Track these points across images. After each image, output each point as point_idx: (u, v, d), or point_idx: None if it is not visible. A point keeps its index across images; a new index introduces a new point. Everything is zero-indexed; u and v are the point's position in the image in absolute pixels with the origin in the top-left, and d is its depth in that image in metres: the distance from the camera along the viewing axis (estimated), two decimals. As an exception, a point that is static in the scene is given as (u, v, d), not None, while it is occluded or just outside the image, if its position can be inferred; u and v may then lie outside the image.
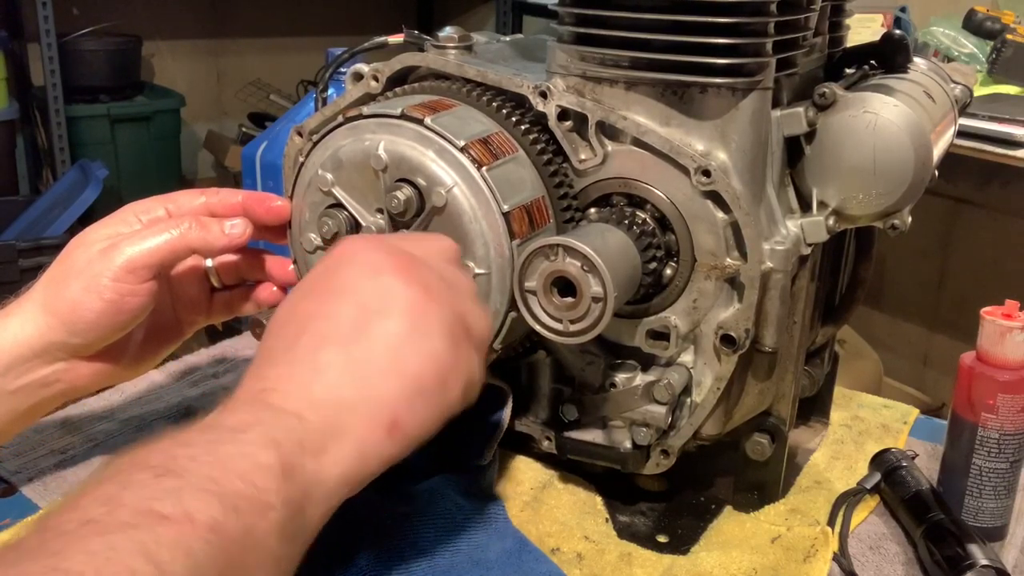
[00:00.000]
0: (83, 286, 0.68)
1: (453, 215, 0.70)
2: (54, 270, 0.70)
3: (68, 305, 0.69)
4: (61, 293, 0.69)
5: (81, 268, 0.69)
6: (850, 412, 0.99)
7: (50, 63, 2.85)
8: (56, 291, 0.69)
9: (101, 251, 0.69)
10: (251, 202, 0.75)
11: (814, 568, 0.73)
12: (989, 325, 0.77)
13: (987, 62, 2.16)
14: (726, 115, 0.70)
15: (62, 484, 0.82)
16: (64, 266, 0.70)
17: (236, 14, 3.76)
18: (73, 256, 0.70)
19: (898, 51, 0.81)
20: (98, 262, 0.69)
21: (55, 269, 0.70)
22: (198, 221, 0.71)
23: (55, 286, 0.69)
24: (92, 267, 0.68)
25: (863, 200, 0.73)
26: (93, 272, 0.68)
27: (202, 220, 0.72)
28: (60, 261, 0.71)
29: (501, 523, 0.74)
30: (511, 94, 0.75)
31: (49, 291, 0.70)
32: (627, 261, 0.69)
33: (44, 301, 0.70)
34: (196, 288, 0.79)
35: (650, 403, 0.75)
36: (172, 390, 1.00)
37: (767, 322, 0.73)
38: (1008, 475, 0.78)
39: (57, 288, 0.69)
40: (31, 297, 0.71)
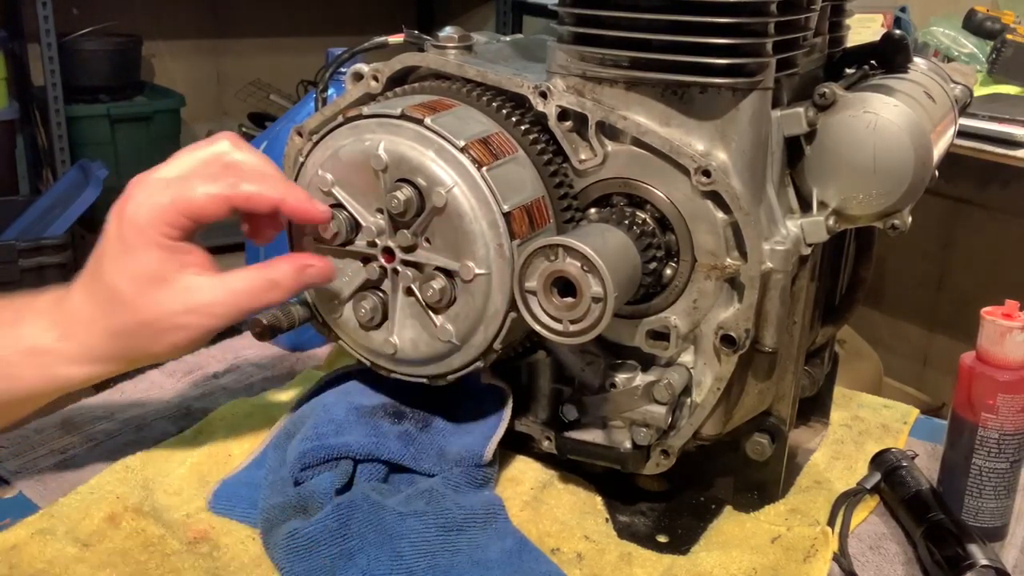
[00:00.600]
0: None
1: (453, 215, 0.70)
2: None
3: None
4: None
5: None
6: (850, 412, 0.99)
7: (50, 63, 2.84)
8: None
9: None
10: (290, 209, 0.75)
11: (814, 568, 0.73)
12: (989, 325, 0.77)
13: (987, 62, 2.16)
14: (726, 115, 0.70)
15: (62, 484, 0.82)
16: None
17: (236, 14, 3.76)
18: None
19: (898, 51, 0.81)
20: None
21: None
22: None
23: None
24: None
25: (863, 200, 0.73)
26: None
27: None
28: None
29: (501, 523, 0.74)
30: (511, 94, 0.75)
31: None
32: (627, 261, 0.69)
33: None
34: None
35: (650, 403, 0.75)
36: (172, 390, 1.00)
37: (767, 322, 0.73)
38: (1008, 475, 0.78)
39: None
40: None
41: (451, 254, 0.71)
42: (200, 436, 0.88)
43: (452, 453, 0.78)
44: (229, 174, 0.71)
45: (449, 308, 0.73)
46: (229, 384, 1.02)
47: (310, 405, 0.83)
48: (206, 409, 0.94)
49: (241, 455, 0.85)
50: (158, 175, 0.72)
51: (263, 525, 0.74)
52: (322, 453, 0.76)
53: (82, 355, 0.72)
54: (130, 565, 0.70)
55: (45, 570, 0.69)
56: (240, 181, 0.71)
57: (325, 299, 0.78)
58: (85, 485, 0.79)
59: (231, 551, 0.74)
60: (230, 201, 0.70)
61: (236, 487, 0.79)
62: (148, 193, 0.70)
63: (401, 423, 0.80)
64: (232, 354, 1.09)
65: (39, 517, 0.75)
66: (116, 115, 3.19)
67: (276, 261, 0.73)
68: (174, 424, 0.93)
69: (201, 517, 0.77)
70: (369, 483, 0.75)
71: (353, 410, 0.80)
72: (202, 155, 0.73)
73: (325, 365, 1.03)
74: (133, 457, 0.84)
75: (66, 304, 0.72)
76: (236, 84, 3.70)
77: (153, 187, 0.70)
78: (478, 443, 0.79)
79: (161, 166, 0.73)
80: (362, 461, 0.77)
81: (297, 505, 0.73)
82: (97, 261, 0.71)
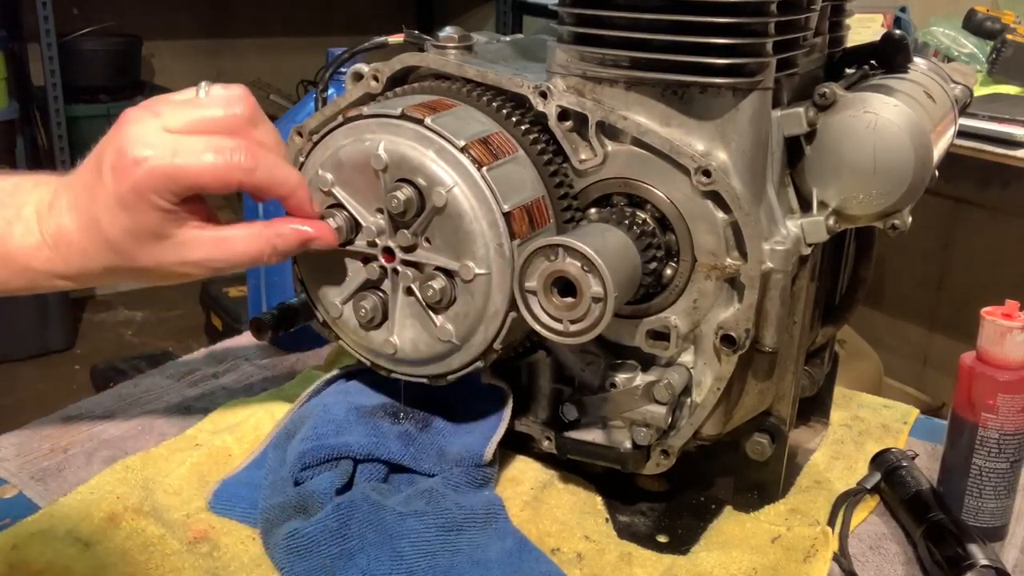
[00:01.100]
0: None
1: (453, 215, 0.70)
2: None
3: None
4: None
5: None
6: (850, 412, 0.99)
7: (50, 63, 2.85)
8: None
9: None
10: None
11: (814, 568, 0.73)
12: (989, 325, 0.77)
13: (987, 62, 2.16)
14: (726, 115, 0.70)
15: (62, 484, 0.82)
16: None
17: (236, 14, 3.76)
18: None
19: (898, 51, 0.81)
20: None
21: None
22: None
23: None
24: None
25: (863, 200, 0.73)
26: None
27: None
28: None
29: (501, 523, 0.74)
30: (511, 94, 0.75)
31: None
32: (627, 261, 0.69)
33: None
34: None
35: (650, 403, 0.75)
36: (172, 390, 1.00)
37: (767, 322, 0.73)
38: (1008, 475, 0.78)
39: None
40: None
41: (451, 254, 0.71)
42: (200, 436, 0.88)
43: (452, 453, 0.78)
44: (243, 153, 0.66)
45: (449, 308, 0.73)
46: (229, 384, 1.02)
47: (310, 405, 0.83)
48: (206, 409, 0.94)
49: (241, 455, 0.85)
50: (162, 122, 0.66)
51: (263, 525, 0.74)
52: (322, 453, 0.76)
53: (69, 276, 0.70)
54: (130, 565, 0.70)
55: (45, 570, 0.69)
56: (255, 167, 0.67)
57: (325, 299, 0.78)
58: (85, 485, 0.80)
59: (231, 551, 0.74)
60: (240, 186, 0.67)
61: (236, 487, 0.79)
62: (149, 148, 0.64)
63: (401, 423, 0.80)
64: (232, 354, 1.09)
65: (39, 517, 0.75)
66: (116, 115, 3.13)
67: (278, 223, 0.71)
68: (174, 424, 0.92)
69: (201, 517, 0.77)
70: (369, 483, 0.75)
71: (353, 410, 0.80)
72: (215, 116, 0.67)
73: (325, 365, 1.03)
74: (133, 457, 0.84)
75: (61, 229, 0.68)
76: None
77: (155, 142, 0.65)
78: (478, 443, 0.79)
79: (163, 102, 0.68)
80: (362, 461, 0.77)
81: (297, 505, 0.73)
82: (91, 199, 0.67)
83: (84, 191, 0.68)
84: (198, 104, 0.68)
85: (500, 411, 0.80)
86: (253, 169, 0.67)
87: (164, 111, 0.67)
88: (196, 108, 0.67)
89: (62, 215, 0.68)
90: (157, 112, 0.67)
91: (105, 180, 0.66)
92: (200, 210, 0.68)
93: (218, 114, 0.67)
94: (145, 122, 0.66)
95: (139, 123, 0.66)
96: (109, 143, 0.66)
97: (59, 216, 0.68)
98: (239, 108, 0.68)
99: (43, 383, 2.82)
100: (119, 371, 2.42)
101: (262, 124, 0.70)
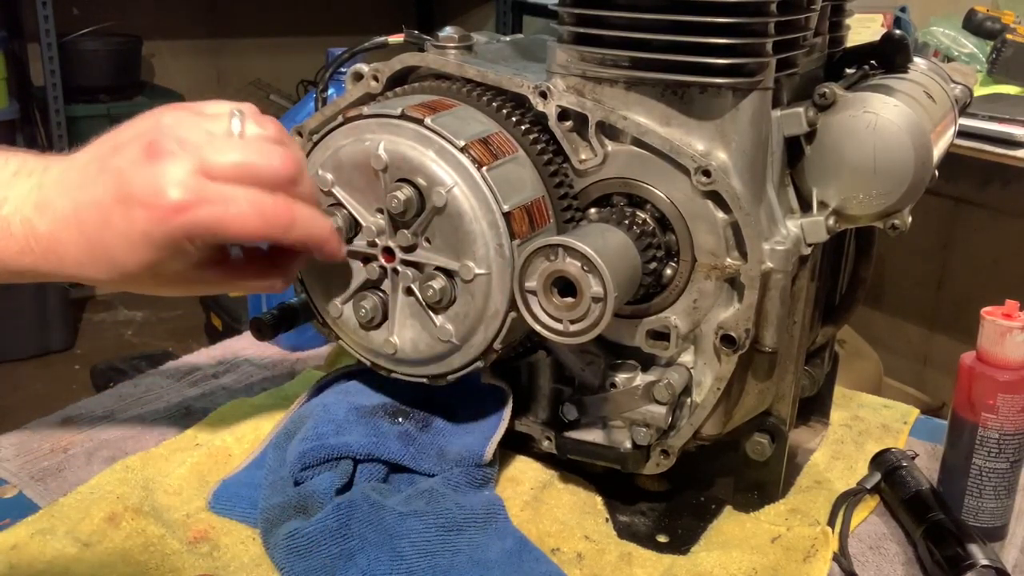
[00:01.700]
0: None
1: (453, 215, 0.70)
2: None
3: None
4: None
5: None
6: (850, 412, 0.99)
7: (50, 63, 2.85)
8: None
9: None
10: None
11: (814, 568, 0.73)
12: (989, 325, 0.77)
13: (987, 62, 2.16)
14: (726, 115, 0.70)
15: (62, 484, 0.82)
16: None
17: (236, 14, 3.76)
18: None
19: (898, 51, 0.81)
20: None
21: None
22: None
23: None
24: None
25: (863, 200, 0.73)
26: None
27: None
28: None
29: (501, 523, 0.74)
30: (511, 94, 0.75)
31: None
32: (627, 261, 0.69)
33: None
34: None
35: (650, 403, 0.75)
36: (172, 390, 1.00)
37: (767, 322, 0.73)
38: (1008, 475, 0.78)
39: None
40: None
41: (451, 254, 0.71)
42: (200, 436, 0.88)
43: (452, 453, 0.78)
44: (282, 212, 0.64)
45: (449, 308, 0.73)
46: (229, 384, 1.02)
47: (310, 405, 0.83)
48: (206, 409, 0.94)
49: (241, 455, 0.85)
50: (201, 163, 0.61)
51: (263, 525, 0.74)
52: (322, 453, 0.76)
53: (52, 276, 0.65)
54: (130, 565, 0.70)
55: (45, 570, 0.69)
56: (292, 226, 0.64)
57: (325, 299, 0.78)
58: (85, 485, 0.80)
59: (231, 551, 0.74)
60: (277, 241, 0.66)
61: (236, 487, 0.79)
62: (190, 194, 0.61)
63: (401, 423, 0.80)
64: (232, 354, 1.09)
65: (39, 517, 0.75)
66: (116, 115, 3.18)
67: (288, 262, 0.71)
68: (174, 424, 0.92)
69: (201, 517, 0.77)
70: (369, 483, 0.75)
71: (353, 410, 0.80)
72: (259, 166, 0.63)
73: (325, 365, 1.03)
74: (133, 457, 0.84)
75: (55, 239, 0.63)
76: (236, 84, 3.70)
77: (195, 190, 0.61)
78: (478, 443, 0.79)
79: (206, 140, 0.63)
80: (362, 461, 0.77)
81: (297, 505, 0.73)
82: (104, 226, 0.62)
83: (96, 211, 0.62)
84: (240, 148, 0.64)
85: (500, 411, 0.80)
86: (290, 228, 0.64)
87: (206, 152, 0.62)
88: (244, 153, 0.63)
89: (58, 225, 0.63)
90: (198, 150, 0.62)
91: (133, 216, 0.61)
92: (220, 251, 0.68)
93: (262, 165, 0.64)
94: (185, 161, 0.61)
95: (178, 162, 0.61)
96: (138, 173, 0.61)
97: (53, 224, 0.63)
98: (283, 167, 0.65)
99: (43, 383, 2.81)
100: (119, 371, 2.41)
101: (303, 180, 0.67)
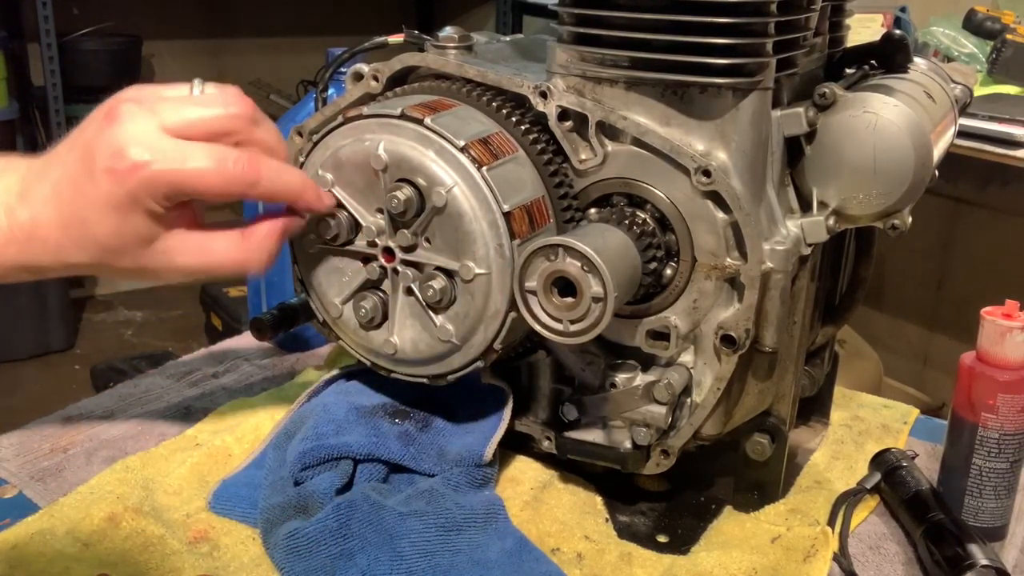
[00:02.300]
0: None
1: (453, 215, 0.70)
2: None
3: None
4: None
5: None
6: (850, 412, 0.99)
7: (50, 63, 2.85)
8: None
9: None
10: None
11: (814, 568, 0.73)
12: (989, 325, 0.77)
13: (987, 62, 2.16)
14: (726, 115, 0.70)
15: (62, 484, 0.82)
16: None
17: (236, 14, 3.76)
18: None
19: (898, 51, 0.81)
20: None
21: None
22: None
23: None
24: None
25: (863, 200, 0.73)
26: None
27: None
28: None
29: (501, 523, 0.74)
30: (511, 94, 0.75)
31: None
32: (627, 261, 0.69)
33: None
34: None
35: (650, 403, 0.75)
36: (172, 390, 1.00)
37: (767, 322, 0.73)
38: (1008, 475, 0.78)
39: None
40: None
41: (451, 254, 0.71)
42: (200, 436, 0.88)
43: (452, 453, 0.78)
44: (245, 165, 0.64)
45: (449, 308, 0.73)
46: (229, 384, 1.02)
47: (310, 405, 0.83)
48: (206, 409, 0.94)
49: (241, 455, 0.85)
50: (159, 121, 0.63)
51: (263, 525, 0.74)
52: (322, 453, 0.76)
53: (38, 270, 0.67)
54: (130, 565, 0.70)
55: (45, 570, 0.69)
56: (258, 180, 0.65)
57: (325, 299, 0.78)
58: (85, 485, 0.80)
59: (231, 551, 0.74)
60: (243, 196, 0.65)
61: (236, 487, 0.79)
62: (148, 152, 0.62)
63: (401, 423, 0.80)
64: (232, 354, 1.09)
65: (39, 517, 0.75)
66: (116, 115, 3.18)
67: (253, 230, 0.69)
68: (174, 424, 0.92)
69: (201, 517, 0.77)
70: (369, 483, 0.75)
71: (353, 410, 0.80)
72: (215, 116, 0.65)
73: (325, 365, 1.03)
74: (133, 457, 0.84)
75: (36, 222, 0.64)
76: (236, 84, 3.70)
77: (155, 145, 0.62)
78: (478, 443, 0.79)
79: (160, 99, 0.65)
80: (362, 461, 0.77)
81: (297, 505, 0.73)
82: (76, 196, 0.63)
83: (68, 185, 0.64)
84: (196, 102, 0.66)
85: (500, 411, 0.80)
86: (256, 182, 0.65)
87: (161, 109, 0.64)
88: (195, 107, 0.65)
89: (37, 208, 0.64)
90: (153, 109, 0.64)
91: (97, 180, 0.62)
92: (188, 215, 0.66)
93: (218, 114, 0.65)
94: (142, 121, 0.63)
95: (135, 121, 0.63)
96: (99, 138, 0.63)
97: (33, 208, 0.64)
98: (238, 107, 0.66)
99: (43, 383, 2.82)
100: (119, 371, 2.41)
101: (263, 123, 0.68)
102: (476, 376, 0.79)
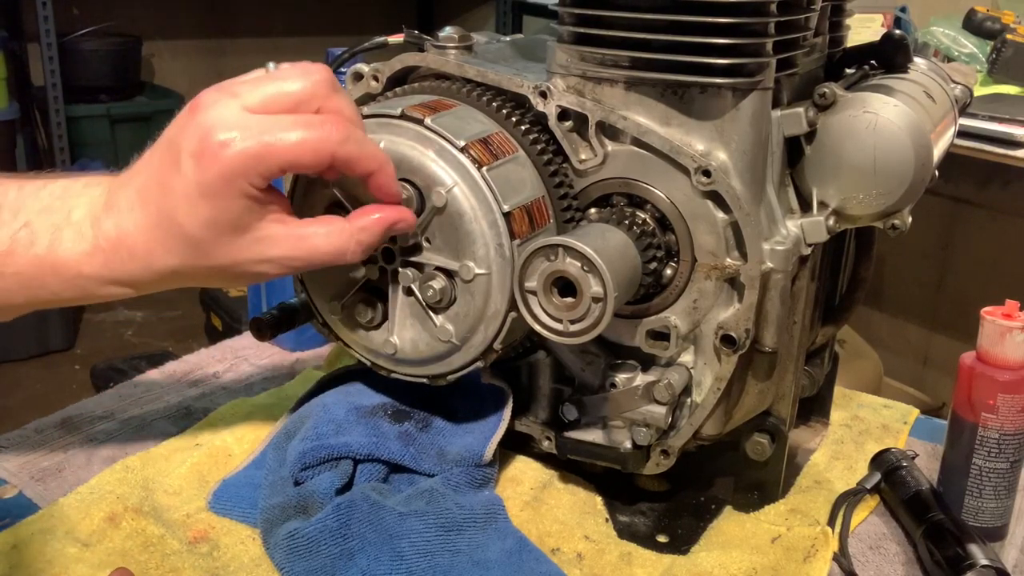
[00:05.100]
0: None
1: (453, 215, 0.70)
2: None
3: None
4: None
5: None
6: (850, 412, 0.99)
7: (50, 63, 2.85)
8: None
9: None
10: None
11: (814, 568, 0.73)
12: (989, 325, 0.77)
13: (987, 62, 2.16)
14: (726, 115, 0.70)
15: (62, 484, 0.82)
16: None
17: (236, 14, 3.76)
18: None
19: (898, 51, 0.81)
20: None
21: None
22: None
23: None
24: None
25: (863, 200, 0.73)
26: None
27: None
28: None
29: (501, 523, 0.74)
30: (511, 94, 0.75)
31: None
32: (627, 261, 0.69)
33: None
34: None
35: (650, 403, 0.75)
36: (172, 390, 1.00)
37: (767, 322, 0.73)
38: (1008, 475, 0.78)
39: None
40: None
41: (451, 254, 0.71)
42: (200, 436, 0.88)
43: (452, 453, 0.78)
44: (332, 125, 0.62)
45: (449, 308, 0.73)
46: (229, 384, 1.02)
47: (310, 405, 0.83)
48: (206, 409, 0.94)
49: (241, 455, 0.85)
50: (241, 102, 0.62)
51: (263, 525, 0.74)
52: (322, 453, 0.76)
53: (126, 282, 0.65)
54: (130, 565, 0.70)
55: (45, 570, 0.69)
56: (346, 138, 0.63)
57: (325, 299, 0.78)
58: (85, 485, 0.80)
59: (231, 551, 0.74)
60: (333, 159, 0.63)
61: (236, 487, 0.79)
62: (234, 130, 0.60)
63: (401, 423, 0.80)
64: (232, 354, 1.09)
65: (39, 517, 0.75)
66: (116, 115, 3.19)
67: (359, 215, 0.67)
68: (174, 424, 0.93)
69: (201, 517, 0.77)
70: (369, 483, 0.75)
71: (353, 410, 0.80)
72: (294, 91, 0.63)
73: (325, 365, 1.03)
74: (133, 457, 0.84)
75: (121, 231, 0.63)
76: (236, 84, 3.71)
77: (240, 123, 0.61)
78: (478, 443, 0.79)
79: (239, 84, 0.64)
80: (362, 461, 0.77)
81: (297, 505, 0.73)
82: (164, 193, 0.62)
83: (154, 186, 0.63)
84: (274, 78, 0.64)
85: (500, 411, 0.80)
86: (344, 140, 0.63)
87: (240, 91, 0.63)
88: (273, 82, 0.63)
89: (123, 215, 0.63)
90: (233, 92, 0.63)
91: (184, 170, 0.61)
92: (281, 204, 0.65)
93: (297, 86, 0.63)
94: (224, 104, 0.62)
95: (217, 106, 0.61)
96: (184, 130, 0.62)
97: (119, 216, 0.63)
98: (318, 74, 0.64)
99: (43, 383, 2.81)
100: (119, 371, 2.41)
101: (341, 92, 0.66)
102: (476, 376, 0.79)
